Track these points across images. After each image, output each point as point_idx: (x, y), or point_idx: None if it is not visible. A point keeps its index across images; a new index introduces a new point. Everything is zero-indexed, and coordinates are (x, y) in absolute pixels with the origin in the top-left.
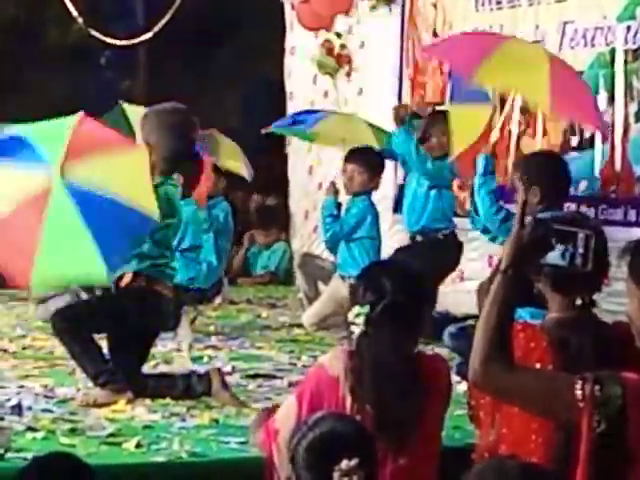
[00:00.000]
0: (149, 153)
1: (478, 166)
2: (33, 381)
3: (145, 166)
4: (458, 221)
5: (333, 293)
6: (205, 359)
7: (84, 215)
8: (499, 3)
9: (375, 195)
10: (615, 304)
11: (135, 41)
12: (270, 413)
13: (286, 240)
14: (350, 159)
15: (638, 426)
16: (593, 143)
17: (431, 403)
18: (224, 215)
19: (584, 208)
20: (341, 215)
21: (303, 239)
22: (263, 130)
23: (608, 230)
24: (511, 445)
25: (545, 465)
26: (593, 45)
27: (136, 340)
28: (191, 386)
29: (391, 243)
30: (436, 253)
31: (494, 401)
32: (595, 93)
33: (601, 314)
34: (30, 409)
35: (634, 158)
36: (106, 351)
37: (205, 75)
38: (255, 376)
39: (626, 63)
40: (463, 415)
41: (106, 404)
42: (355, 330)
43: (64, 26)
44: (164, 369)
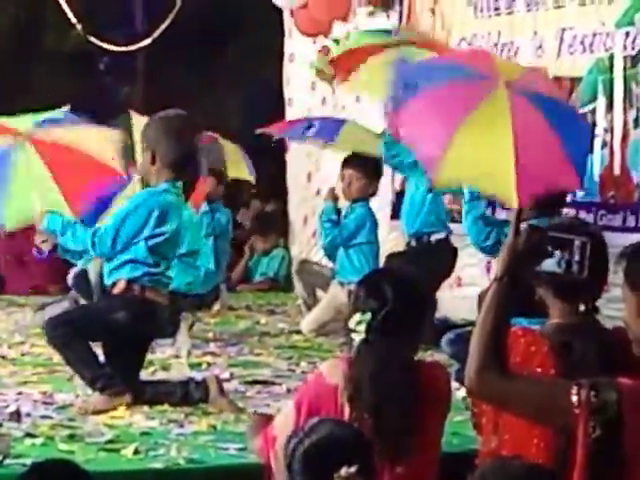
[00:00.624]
0: (152, 159)
1: (465, 193)
2: (32, 387)
3: None
4: (455, 227)
5: (332, 299)
6: (204, 365)
7: None
8: (497, 9)
9: (372, 201)
10: (614, 310)
11: (133, 47)
12: (267, 420)
13: (285, 246)
14: (348, 165)
15: (634, 431)
16: (592, 149)
17: (430, 411)
18: (226, 220)
19: (583, 214)
20: (340, 221)
21: (302, 245)
22: (273, 136)
23: (607, 236)
24: (513, 450)
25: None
26: (592, 51)
27: (130, 347)
28: (189, 393)
29: (389, 249)
30: (429, 259)
31: (496, 407)
32: (594, 99)
33: (601, 320)
34: (29, 415)
35: (633, 164)
36: (102, 359)
37: (203, 81)
38: (254, 382)
39: (625, 69)
40: (462, 421)
41: (104, 411)
42: (355, 338)
43: (63, 32)
44: (162, 376)
